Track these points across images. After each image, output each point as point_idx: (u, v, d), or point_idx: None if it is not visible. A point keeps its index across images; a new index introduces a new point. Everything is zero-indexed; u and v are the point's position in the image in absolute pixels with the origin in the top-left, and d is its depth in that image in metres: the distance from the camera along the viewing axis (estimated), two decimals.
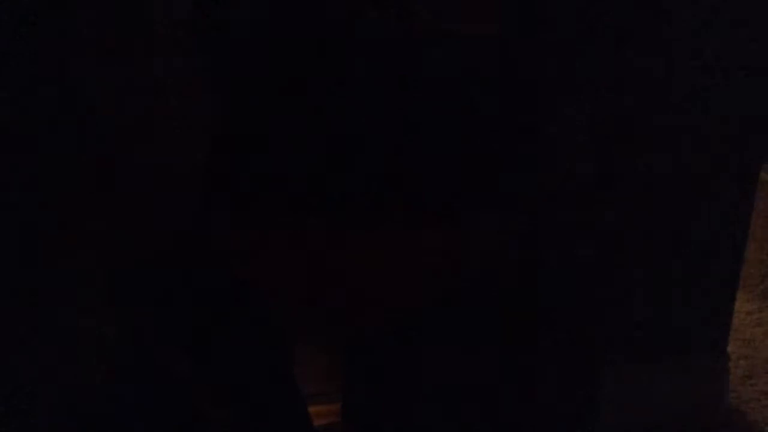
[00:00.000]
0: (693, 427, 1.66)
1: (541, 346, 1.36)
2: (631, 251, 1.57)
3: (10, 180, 0.84)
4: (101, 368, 0.81)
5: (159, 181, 0.95)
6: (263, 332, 0.98)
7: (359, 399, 1.41)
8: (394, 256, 1.30)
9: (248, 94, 1.21)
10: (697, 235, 1.61)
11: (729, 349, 1.74)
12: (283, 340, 1.03)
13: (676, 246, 1.60)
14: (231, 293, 0.97)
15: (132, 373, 0.82)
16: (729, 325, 1.72)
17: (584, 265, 1.50)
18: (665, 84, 1.48)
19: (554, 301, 1.40)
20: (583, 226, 1.49)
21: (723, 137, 1.56)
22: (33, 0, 0.84)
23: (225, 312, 0.94)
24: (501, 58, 1.33)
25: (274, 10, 1.21)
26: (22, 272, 0.84)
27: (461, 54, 1.30)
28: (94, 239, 0.87)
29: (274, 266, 1.23)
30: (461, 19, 1.30)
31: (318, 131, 1.26)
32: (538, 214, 1.44)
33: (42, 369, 0.81)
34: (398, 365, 1.33)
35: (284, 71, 1.23)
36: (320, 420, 1.38)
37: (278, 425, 0.93)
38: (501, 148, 1.35)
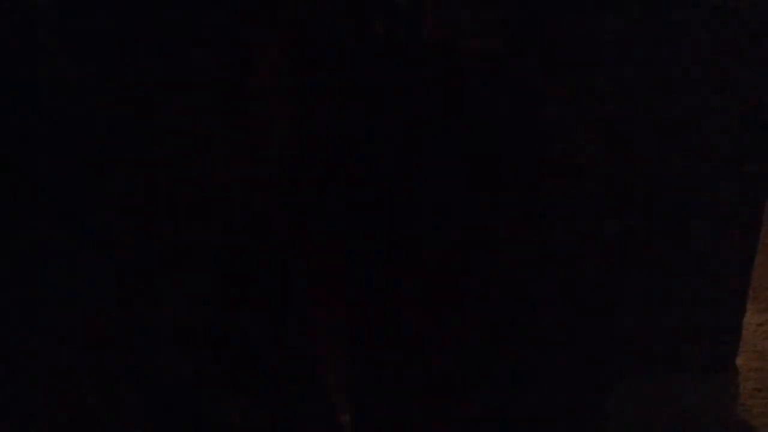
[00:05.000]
0: None
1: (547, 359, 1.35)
2: (638, 264, 1.56)
3: None
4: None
5: None
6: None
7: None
8: None
9: None
10: (705, 247, 1.60)
11: (739, 361, 1.72)
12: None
13: (684, 258, 1.59)
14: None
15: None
16: (739, 337, 1.71)
17: (587, 277, 1.49)
18: (674, 94, 1.48)
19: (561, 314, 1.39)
20: (588, 236, 1.48)
21: (734, 149, 1.55)
22: None
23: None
24: None
25: None
26: None
27: None
28: None
29: None
30: None
31: None
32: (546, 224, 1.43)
33: None
34: None
35: None
36: None
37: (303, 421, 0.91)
38: None
